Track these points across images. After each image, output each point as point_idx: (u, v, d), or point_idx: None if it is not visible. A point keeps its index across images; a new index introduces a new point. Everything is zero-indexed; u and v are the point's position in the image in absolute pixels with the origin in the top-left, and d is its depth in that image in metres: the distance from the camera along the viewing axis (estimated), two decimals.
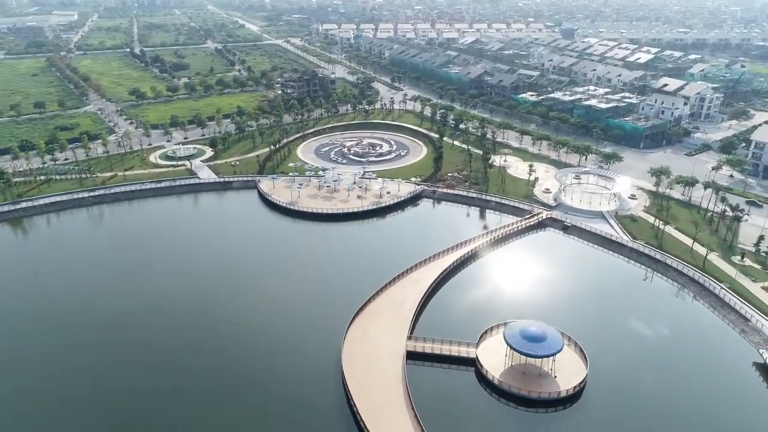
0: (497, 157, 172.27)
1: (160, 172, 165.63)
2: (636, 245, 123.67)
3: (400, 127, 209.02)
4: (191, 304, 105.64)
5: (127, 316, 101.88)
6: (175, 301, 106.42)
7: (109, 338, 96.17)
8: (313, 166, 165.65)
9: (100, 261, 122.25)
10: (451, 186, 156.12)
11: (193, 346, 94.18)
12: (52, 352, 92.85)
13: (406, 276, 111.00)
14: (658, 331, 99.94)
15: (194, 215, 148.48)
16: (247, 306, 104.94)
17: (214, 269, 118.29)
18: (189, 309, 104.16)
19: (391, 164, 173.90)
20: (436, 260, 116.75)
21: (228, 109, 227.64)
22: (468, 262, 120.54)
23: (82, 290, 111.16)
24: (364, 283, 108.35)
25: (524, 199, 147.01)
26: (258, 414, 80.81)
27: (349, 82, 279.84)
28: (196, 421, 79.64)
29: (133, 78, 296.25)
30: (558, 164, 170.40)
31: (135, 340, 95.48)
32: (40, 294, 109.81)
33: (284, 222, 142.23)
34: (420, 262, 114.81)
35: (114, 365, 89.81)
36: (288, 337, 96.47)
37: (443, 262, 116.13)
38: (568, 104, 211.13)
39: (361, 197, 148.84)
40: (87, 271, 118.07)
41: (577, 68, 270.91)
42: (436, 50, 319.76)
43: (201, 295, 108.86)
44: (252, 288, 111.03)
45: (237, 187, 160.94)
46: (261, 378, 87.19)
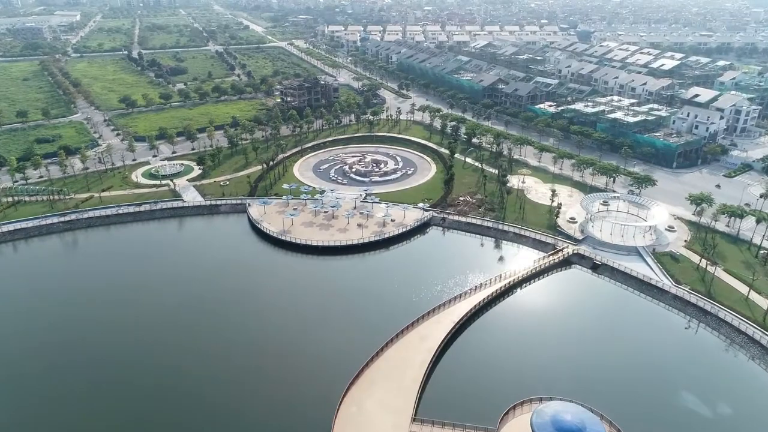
0: (514, 178, 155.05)
1: (141, 194, 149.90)
2: (680, 291, 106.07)
3: (406, 141, 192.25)
4: (155, 351, 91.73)
5: (92, 359, 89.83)
6: (140, 347, 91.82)
7: (71, 387, 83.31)
8: (309, 188, 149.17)
9: (66, 297, 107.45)
10: (464, 212, 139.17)
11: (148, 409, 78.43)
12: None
13: (411, 331, 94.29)
14: (715, 408, 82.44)
15: (174, 244, 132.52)
16: (215, 370, 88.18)
17: (186, 311, 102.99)
18: (150, 358, 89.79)
19: (396, 185, 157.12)
20: (445, 310, 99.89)
21: (223, 119, 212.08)
22: (483, 311, 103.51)
23: (43, 330, 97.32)
24: (361, 340, 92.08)
25: (546, 230, 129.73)
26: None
27: (353, 89, 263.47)
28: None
29: (127, 83, 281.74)
30: (582, 187, 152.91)
31: (97, 388, 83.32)
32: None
33: (274, 255, 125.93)
34: (427, 313, 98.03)
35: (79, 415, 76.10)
36: (263, 416, 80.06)
37: (454, 312, 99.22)
38: (591, 117, 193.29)
39: (361, 226, 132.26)
40: (50, 310, 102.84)
41: (597, 75, 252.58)
42: (446, 55, 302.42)
43: (169, 340, 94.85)
44: (224, 344, 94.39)
45: (225, 211, 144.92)
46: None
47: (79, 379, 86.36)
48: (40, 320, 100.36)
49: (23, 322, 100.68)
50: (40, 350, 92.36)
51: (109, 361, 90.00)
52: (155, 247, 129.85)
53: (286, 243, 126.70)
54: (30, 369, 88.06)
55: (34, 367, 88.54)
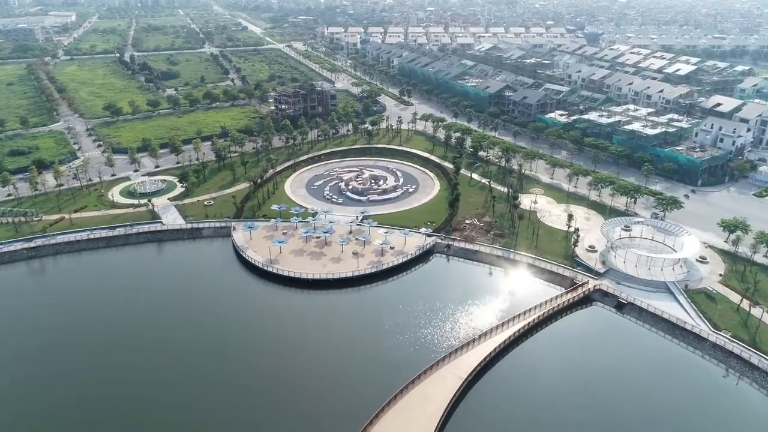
0: (525, 197, 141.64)
1: (117, 215, 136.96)
2: (720, 339, 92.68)
3: (408, 154, 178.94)
4: (123, 399, 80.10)
5: (50, 409, 78.84)
6: (106, 396, 79.96)
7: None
8: (300, 209, 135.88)
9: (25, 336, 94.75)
10: (470, 238, 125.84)
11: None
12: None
13: (411, 390, 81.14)
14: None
15: (149, 275, 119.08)
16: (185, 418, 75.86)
17: (159, 352, 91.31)
18: (118, 407, 77.39)
19: (396, 205, 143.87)
20: (451, 362, 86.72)
21: (212, 128, 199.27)
22: (494, 361, 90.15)
23: None
24: (351, 403, 79.38)
25: (563, 260, 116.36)
26: None
27: (352, 96, 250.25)
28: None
29: (116, 88, 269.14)
30: (600, 208, 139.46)
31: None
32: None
33: (258, 289, 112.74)
34: (430, 367, 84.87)
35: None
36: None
37: (461, 365, 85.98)
38: (606, 128, 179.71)
39: (357, 254, 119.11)
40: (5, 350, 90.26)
41: (610, 81, 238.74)
42: (449, 59, 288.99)
43: (138, 383, 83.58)
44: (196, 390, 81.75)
45: (208, 235, 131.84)
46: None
47: None
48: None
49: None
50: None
51: (73, 410, 78.02)
52: (127, 278, 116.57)
53: (272, 275, 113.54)
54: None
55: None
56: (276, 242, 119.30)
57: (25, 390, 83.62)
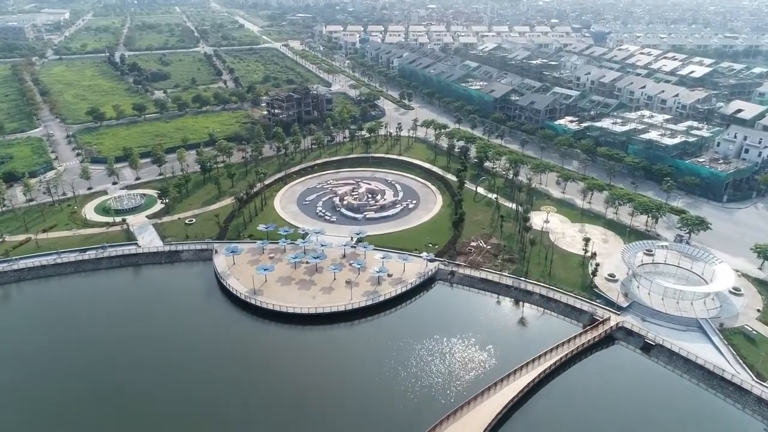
0: (536, 215, 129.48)
1: (89, 235, 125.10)
2: (765, 392, 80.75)
3: (408, 164, 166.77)
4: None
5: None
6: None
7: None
8: (289, 230, 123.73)
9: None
10: (476, 264, 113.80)
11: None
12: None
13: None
14: None
15: (119, 304, 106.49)
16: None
17: (126, 392, 79.94)
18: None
19: (394, 223, 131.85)
20: (456, 421, 74.87)
21: (200, 135, 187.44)
22: (506, 418, 78.41)
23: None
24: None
25: (581, 291, 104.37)
26: None
27: (349, 99, 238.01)
28: None
29: (103, 90, 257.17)
30: (618, 228, 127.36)
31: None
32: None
33: (239, 323, 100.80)
34: (440, 422, 73.10)
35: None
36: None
37: (468, 425, 74.15)
38: (621, 137, 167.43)
39: (351, 283, 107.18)
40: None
41: (621, 84, 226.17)
42: (452, 59, 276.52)
43: None
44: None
45: (187, 258, 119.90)
46: None
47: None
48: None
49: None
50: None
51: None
52: (94, 309, 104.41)
53: (255, 308, 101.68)
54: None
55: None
56: (260, 270, 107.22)
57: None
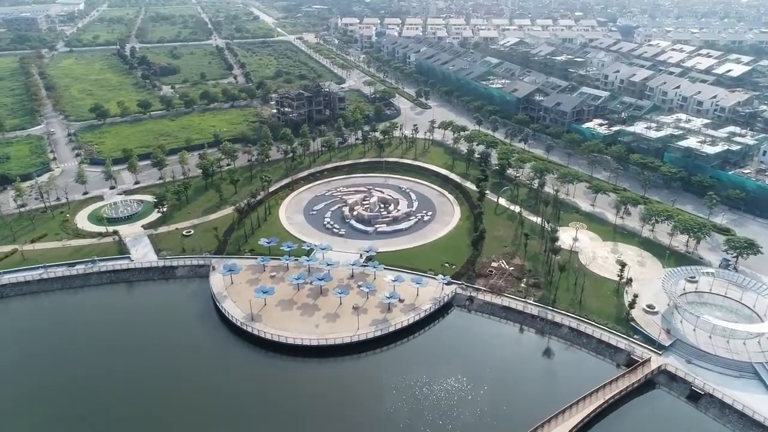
0: (563, 231, 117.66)
1: (80, 247, 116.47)
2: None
3: (424, 170, 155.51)
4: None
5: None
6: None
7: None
8: (293, 246, 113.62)
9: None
10: (498, 289, 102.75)
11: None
12: None
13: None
14: None
15: (106, 326, 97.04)
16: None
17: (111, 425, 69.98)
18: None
19: (408, 238, 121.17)
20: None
21: (205, 135, 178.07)
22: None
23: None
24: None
25: (616, 325, 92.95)
26: None
27: (363, 97, 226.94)
28: None
29: (111, 85, 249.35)
30: (655, 248, 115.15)
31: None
32: None
33: (234, 353, 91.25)
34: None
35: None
36: None
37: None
38: (656, 143, 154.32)
39: (358, 309, 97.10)
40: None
41: (653, 84, 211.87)
42: (471, 55, 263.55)
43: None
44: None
45: (183, 275, 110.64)
46: None
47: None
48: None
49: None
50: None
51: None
52: (79, 331, 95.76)
53: (252, 336, 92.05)
54: None
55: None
56: (259, 293, 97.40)
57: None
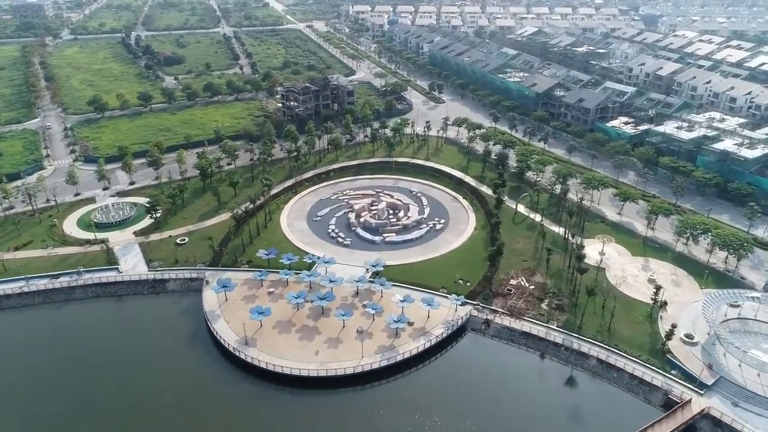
0: (589, 244, 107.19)
1: (66, 256, 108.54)
2: None
3: (436, 172, 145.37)
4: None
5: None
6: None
7: None
8: (293, 258, 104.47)
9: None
10: (517, 311, 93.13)
11: None
12: None
13: None
14: None
15: (88, 347, 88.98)
16: None
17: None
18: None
19: (419, 249, 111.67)
20: None
21: (206, 131, 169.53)
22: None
23: None
24: None
25: (650, 357, 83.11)
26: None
27: (374, 90, 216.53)
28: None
29: (113, 75, 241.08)
30: (690, 265, 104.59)
31: None
32: None
33: (225, 383, 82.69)
34: None
35: None
36: None
37: None
38: (688, 145, 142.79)
39: (362, 333, 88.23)
40: None
41: (681, 78, 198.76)
42: (487, 46, 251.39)
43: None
44: None
45: (174, 289, 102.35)
46: None
47: None
48: None
49: None
50: None
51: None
52: (61, 351, 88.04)
53: (245, 364, 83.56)
54: None
55: None
56: (255, 314, 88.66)
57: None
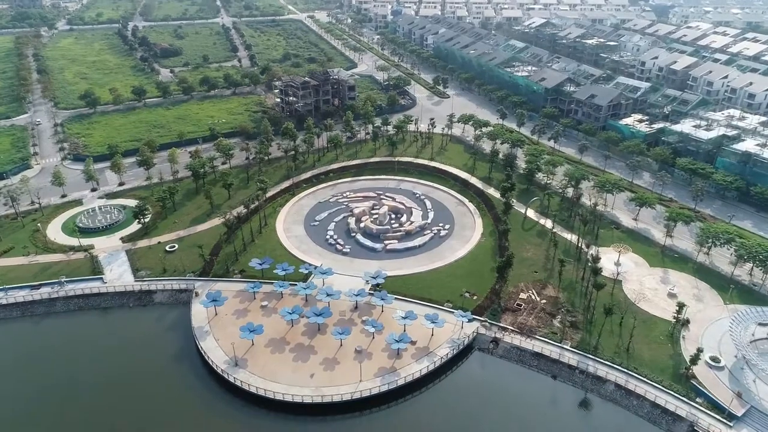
0: (603, 252, 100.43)
1: (48, 264, 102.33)
2: None
3: (441, 173, 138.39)
4: None
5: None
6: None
7: None
8: (289, 268, 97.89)
9: None
10: (528, 329, 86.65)
11: None
12: None
13: None
14: None
15: (67, 365, 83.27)
16: None
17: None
18: None
19: (422, 257, 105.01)
20: None
21: (202, 127, 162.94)
22: None
23: None
24: None
25: (672, 382, 76.61)
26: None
27: (376, 84, 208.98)
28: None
29: (108, 67, 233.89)
30: (713, 277, 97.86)
31: None
32: None
33: (212, 407, 76.64)
34: None
35: None
36: None
37: None
38: (707, 145, 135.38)
39: (362, 353, 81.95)
40: None
41: (697, 73, 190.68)
42: (494, 38, 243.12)
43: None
44: None
45: (161, 300, 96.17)
46: None
47: None
48: None
49: None
50: None
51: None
52: (39, 370, 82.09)
53: (234, 388, 77.41)
54: None
55: None
56: (246, 333, 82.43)
57: None
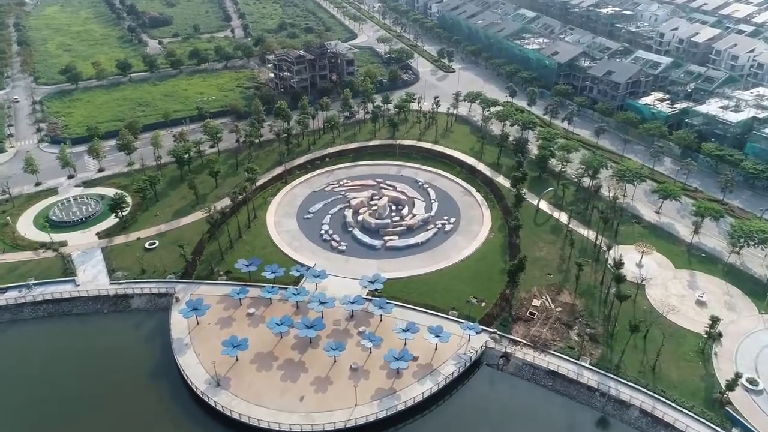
0: (624, 250, 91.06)
1: (15, 264, 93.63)
2: None
3: (445, 158, 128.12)
4: None
5: None
6: None
7: None
8: (279, 270, 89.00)
9: None
10: (542, 342, 78.13)
11: None
12: None
13: None
14: None
15: (33, 384, 75.66)
16: None
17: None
18: None
19: (425, 256, 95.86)
20: None
21: (189, 105, 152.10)
22: None
23: None
24: None
25: (704, 409, 68.35)
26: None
27: (377, 57, 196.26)
28: None
29: (94, 38, 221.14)
30: (746, 281, 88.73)
31: None
32: None
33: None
34: None
35: None
36: None
37: None
38: (736, 128, 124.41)
39: (357, 371, 73.71)
40: None
41: (720, 46, 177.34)
42: (503, 7, 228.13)
43: None
44: None
45: (139, 306, 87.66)
46: None
47: None
48: None
49: None
50: None
51: None
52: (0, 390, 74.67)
53: (215, 413, 69.49)
54: None
55: None
56: (230, 349, 73.95)
57: None
